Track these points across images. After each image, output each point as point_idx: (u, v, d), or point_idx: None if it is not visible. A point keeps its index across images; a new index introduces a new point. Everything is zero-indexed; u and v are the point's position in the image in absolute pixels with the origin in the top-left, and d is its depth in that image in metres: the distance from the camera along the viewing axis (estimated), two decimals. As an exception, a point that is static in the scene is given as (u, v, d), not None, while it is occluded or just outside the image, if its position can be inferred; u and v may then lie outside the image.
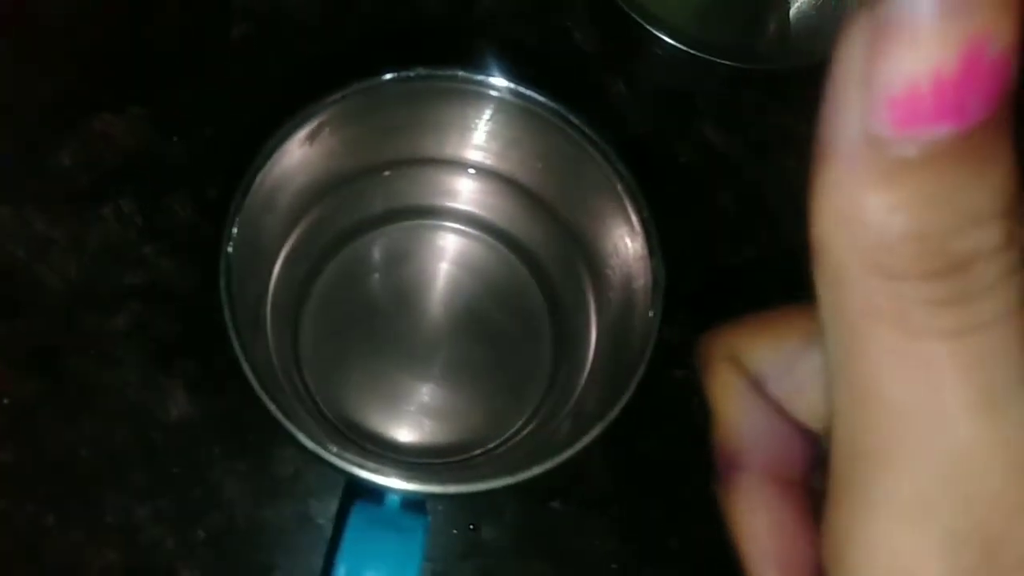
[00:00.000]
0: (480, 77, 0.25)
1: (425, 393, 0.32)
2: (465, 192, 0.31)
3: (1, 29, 0.36)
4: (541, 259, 0.31)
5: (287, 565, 0.33)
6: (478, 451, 0.31)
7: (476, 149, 0.29)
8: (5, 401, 0.33)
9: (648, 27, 0.38)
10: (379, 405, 0.32)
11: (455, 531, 0.34)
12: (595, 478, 0.36)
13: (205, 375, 0.34)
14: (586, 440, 0.23)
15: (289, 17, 0.39)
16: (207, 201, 0.36)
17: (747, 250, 0.41)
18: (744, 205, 0.42)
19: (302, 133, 0.25)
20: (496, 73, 0.25)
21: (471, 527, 0.35)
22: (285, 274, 0.29)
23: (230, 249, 0.21)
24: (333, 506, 0.34)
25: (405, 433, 0.32)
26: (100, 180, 0.35)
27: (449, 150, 0.29)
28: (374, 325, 0.32)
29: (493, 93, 0.25)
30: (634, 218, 0.25)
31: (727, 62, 0.38)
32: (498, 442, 0.31)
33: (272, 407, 0.21)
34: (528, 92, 0.25)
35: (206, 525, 0.33)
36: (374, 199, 0.31)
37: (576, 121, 0.25)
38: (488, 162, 0.29)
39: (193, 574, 0.32)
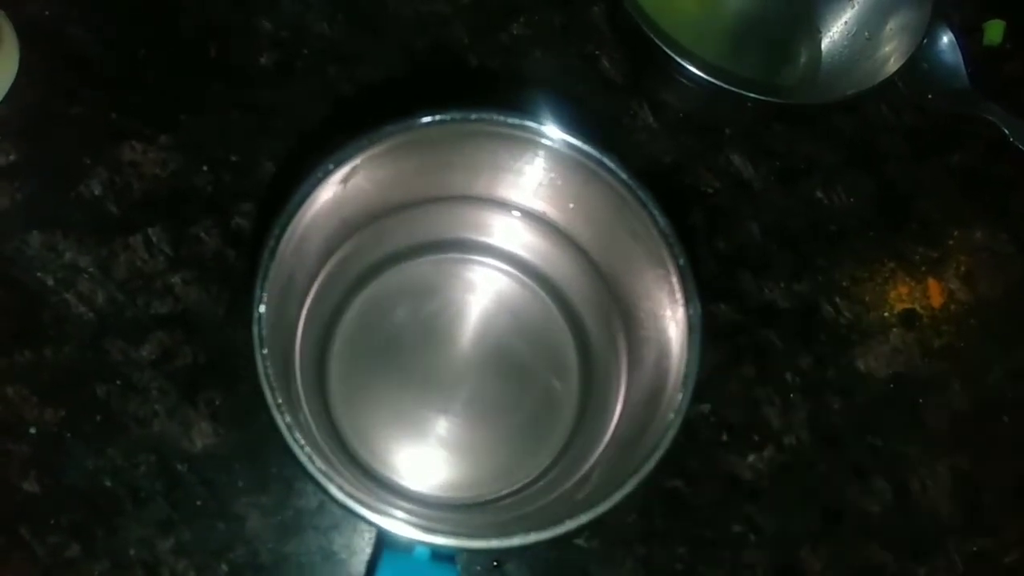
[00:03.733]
0: (515, 120, 0.25)
1: (450, 429, 0.32)
2: (496, 228, 0.31)
3: (33, 59, 0.36)
4: (572, 298, 0.31)
5: (310, 600, 0.33)
6: (504, 491, 0.30)
7: (509, 188, 0.29)
8: (31, 430, 0.33)
9: (677, 59, 0.37)
10: (404, 439, 0.32)
11: (478, 568, 0.34)
12: (620, 516, 0.35)
13: (230, 406, 0.34)
14: (619, 496, 0.22)
15: (316, 46, 0.39)
16: (234, 230, 0.36)
17: (773, 279, 0.40)
18: (770, 235, 0.42)
19: (335, 177, 0.24)
20: (529, 115, 0.25)
21: (495, 564, 0.34)
22: (314, 309, 0.29)
23: (262, 309, 0.21)
24: (356, 540, 0.34)
25: (429, 468, 0.31)
26: (129, 209, 0.35)
27: (481, 188, 0.29)
28: (402, 358, 0.32)
29: (529, 136, 0.25)
30: (670, 264, 0.25)
31: (756, 96, 0.37)
32: (524, 483, 0.30)
33: (313, 469, 0.21)
34: (565, 136, 0.25)
35: (229, 559, 0.33)
36: (402, 234, 0.31)
37: (614, 166, 0.25)
38: (520, 201, 0.29)
39: (216, 608, 0.32)
